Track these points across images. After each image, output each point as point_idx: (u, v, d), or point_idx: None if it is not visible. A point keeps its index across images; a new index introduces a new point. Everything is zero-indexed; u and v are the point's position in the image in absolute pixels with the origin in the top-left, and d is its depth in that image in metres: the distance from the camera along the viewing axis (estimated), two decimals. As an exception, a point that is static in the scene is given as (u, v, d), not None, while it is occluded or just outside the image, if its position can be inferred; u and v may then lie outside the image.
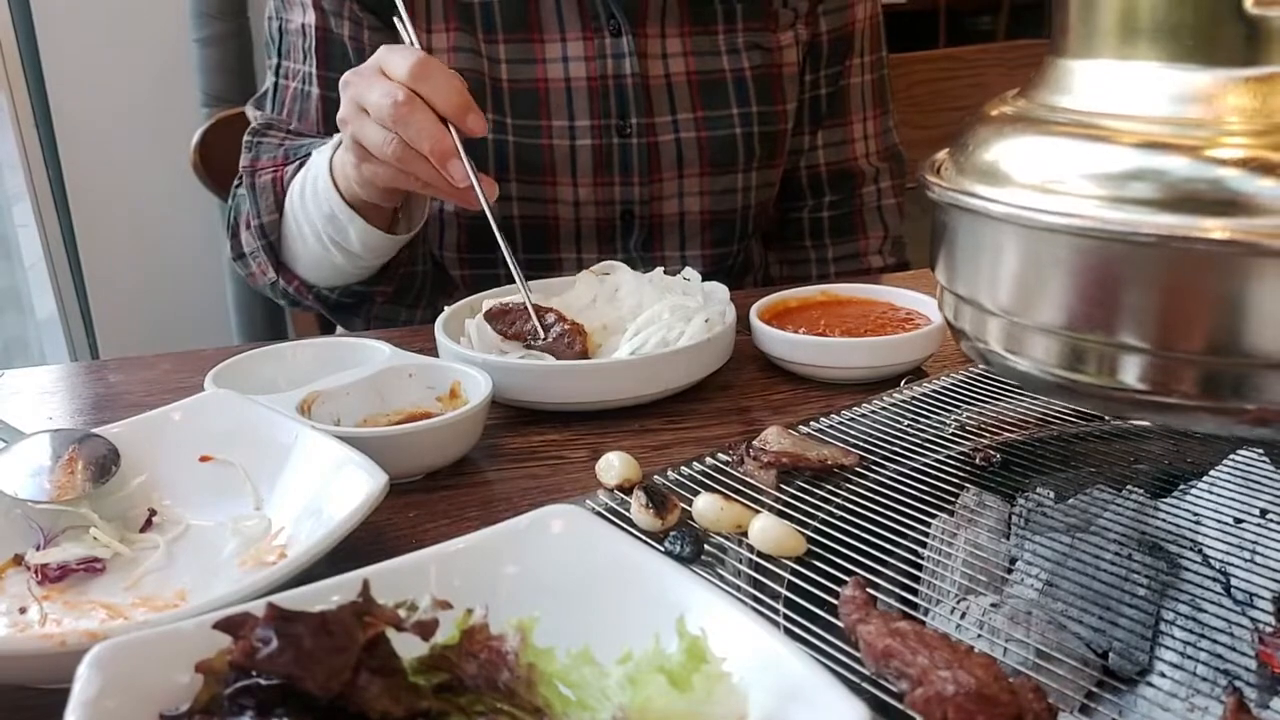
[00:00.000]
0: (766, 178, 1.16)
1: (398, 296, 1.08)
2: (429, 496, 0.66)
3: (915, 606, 0.50)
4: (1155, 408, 0.41)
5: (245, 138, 1.09)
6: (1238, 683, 0.43)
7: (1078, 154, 0.41)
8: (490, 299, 0.85)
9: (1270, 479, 0.54)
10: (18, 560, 0.58)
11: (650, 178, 1.10)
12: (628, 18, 1.08)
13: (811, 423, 0.68)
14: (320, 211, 0.95)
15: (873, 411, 0.69)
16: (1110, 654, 0.45)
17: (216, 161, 1.37)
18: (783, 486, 0.60)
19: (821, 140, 1.21)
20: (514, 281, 0.83)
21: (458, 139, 0.82)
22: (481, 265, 1.13)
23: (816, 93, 1.19)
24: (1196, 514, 0.53)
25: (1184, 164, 0.38)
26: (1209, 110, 0.39)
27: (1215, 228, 0.37)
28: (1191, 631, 0.46)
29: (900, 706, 0.40)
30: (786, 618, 0.48)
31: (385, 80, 0.83)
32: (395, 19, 0.91)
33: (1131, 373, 0.41)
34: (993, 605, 0.48)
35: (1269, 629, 0.45)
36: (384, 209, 0.96)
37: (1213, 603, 0.47)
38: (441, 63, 0.85)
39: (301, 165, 1.02)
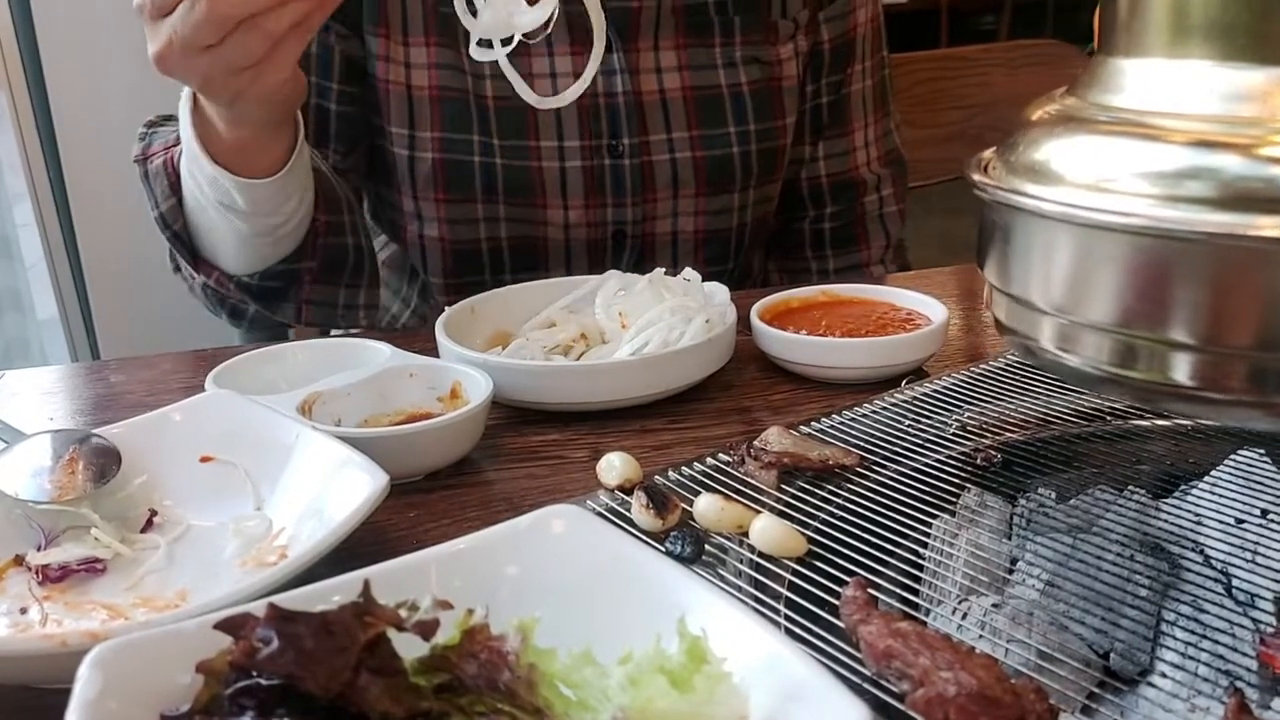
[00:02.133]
0: (764, 194, 1.14)
1: (327, 273, 0.98)
2: (430, 497, 0.66)
3: (916, 607, 0.50)
4: (1205, 403, 0.42)
5: (140, 130, 0.98)
6: (1239, 683, 0.43)
7: (1130, 153, 0.41)
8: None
9: (1271, 479, 0.54)
10: (18, 561, 0.57)
11: (643, 198, 1.07)
12: (619, 33, 1.04)
13: (812, 423, 0.68)
14: (204, 176, 0.86)
15: (874, 412, 0.69)
16: (1112, 655, 0.45)
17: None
18: (784, 487, 0.60)
19: (823, 151, 1.18)
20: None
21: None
22: (468, 290, 1.05)
23: (818, 102, 1.16)
24: (1198, 515, 0.53)
25: (1237, 162, 0.38)
26: (1262, 108, 0.39)
27: (1268, 225, 0.37)
28: (1193, 632, 0.46)
29: (901, 707, 0.40)
30: (787, 618, 0.48)
31: None
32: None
33: (1182, 369, 0.41)
34: (994, 606, 0.48)
35: (1270, 630, 0.45)
36: (265, 147, 0.85)
37: (1214, 603, 0.47)
38: None
39: None
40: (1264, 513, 0.52)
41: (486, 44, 0.72)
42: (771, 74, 1.10)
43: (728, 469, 0.62)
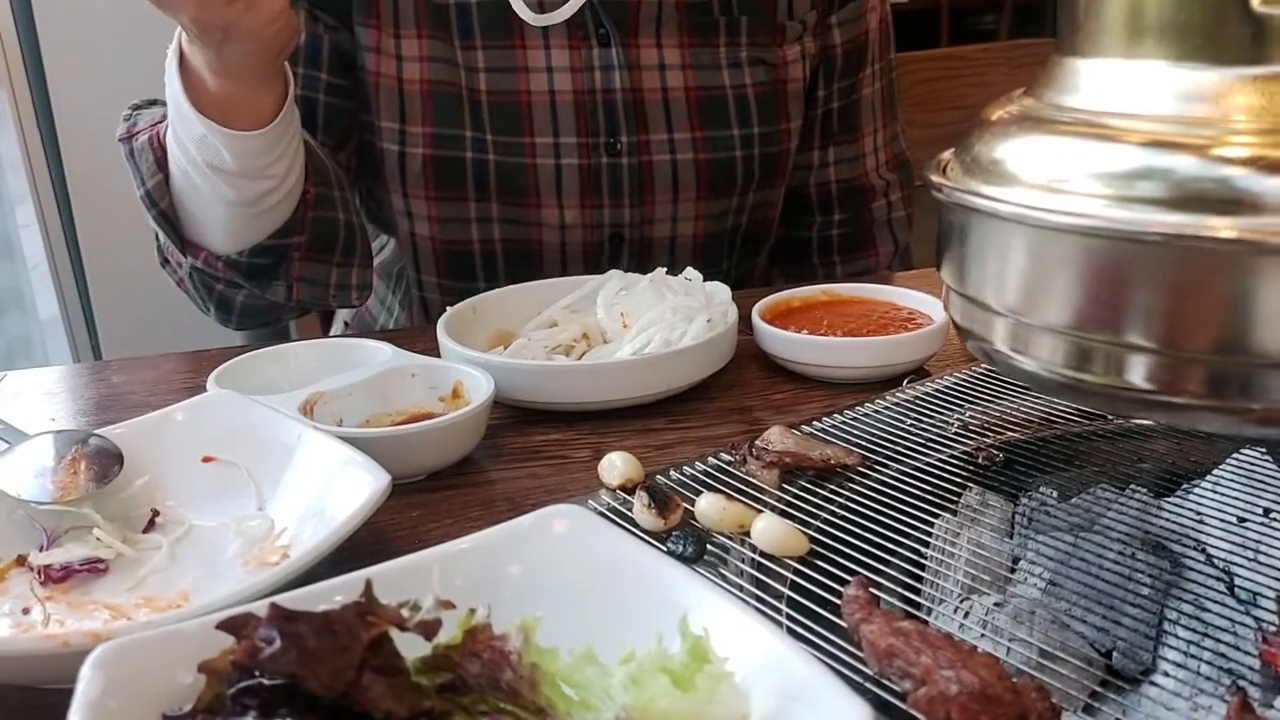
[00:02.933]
0: (766, 198, 1.12)
1: (317, 250, 0.94)
2: (431, 496, 0.66)
3: (918, 606, 0.50)
4: (1162, 407, 0.41)
5: (125, 112, 0.96)
6: (1241, 682, 0.43)
7: (1084, 153, 0.41)
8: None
9: (1274, 478, 0.54)
10: (21, 561, 0.58)
11: (641, 199, 1.04)
12: (617, 27, 1.01)
13: (814, 422, 0.68)
14: (191, 137, 0.84)
15: (875, 411, 0.69)
16: (1114, 653, 0.45)
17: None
18: (785, 486, 0.60)
19: (833, 157, 1.16)
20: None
21: None
22: (463, 295, 1.02)
23: (829, 107, 1.14)
24: (1200, 513, 0.53)
25: (1191, 163, 0.38)
26: (1216, 109, 0.39)
27: (1222, 226, 0.37)
28: (1195, 631, 0.46)
29: (903, 706, 0.40)
30: (789, 617, 0.48)
31: None
32: None
33: (1138, 372, 0.41)
34: (996, 605, 0.48)
35: (1273, 628, 0.45)
36: (255, 97, 0.84)
37: (1216, 602, 0.47)
38: None
39: None
40: (1266, 511, 0.51)
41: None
42: (777, 76, 1.08)
43: (729, 468, 0.62)
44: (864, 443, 0.64)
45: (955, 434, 0.66)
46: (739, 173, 1.07)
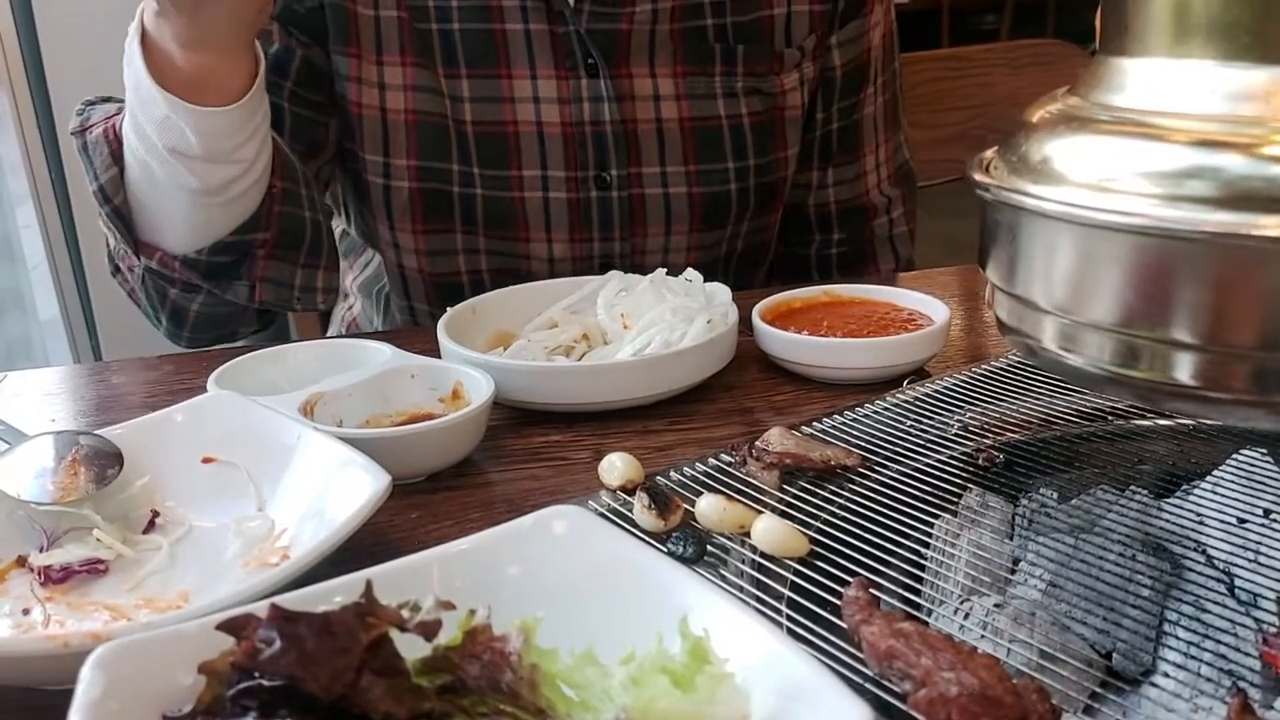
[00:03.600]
0: (762, 223, 1.09)
1: (283, 248, 0.90)
2: (431, 497, 0.66)
3: (918, 607, 0.50)
4: (1207, 403, 0.42)
5: (78, 107, 0.94)
6: (1242, 683, 0.43)
7: (1132, 152, 0.41)
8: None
9: (1274, 479, 0.54)
10: (21, 562, 0.58)
11: (633, 232, 1.02)
12: (606, 57, 0.98)
13: (814, 423, 0.68)
14: (153, 119, 0.81)
15: (875, 412, 0.69)
16: (1114, 655, 0.45)
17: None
18: (785, 487, 0.60)
19: (833, 178, 1.13)
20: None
21: None
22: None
23: (829, 129, 1.10)
24: (1200, 515, 0.53)
25: (1239, 162, 0.38)
26: (1264, 108, 0.39)
27: (1271, 225, 0.37)
28: (1195, 632, 0.46)
29: (903, 708, 0.40)
30: (789, 618, 0.48)
31: None
32: None
33: (1184, 369, 0.41)
34: (996, 606, 0.48)
35: (1273, 629, 0.45)
36: (225, 73, 0.81)
37: (1216, 603, 0.47)
38: None
39: None
40: (1266, 512, 0.51)
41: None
42: (774, 104, 1.04)
43: (729, 469, 0.62)
44: (864, 444, 0.64)
45: (955, 435, 0.66)
46: (733, 204, 1.04)
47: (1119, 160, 0.41)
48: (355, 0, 0.96)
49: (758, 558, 0.53)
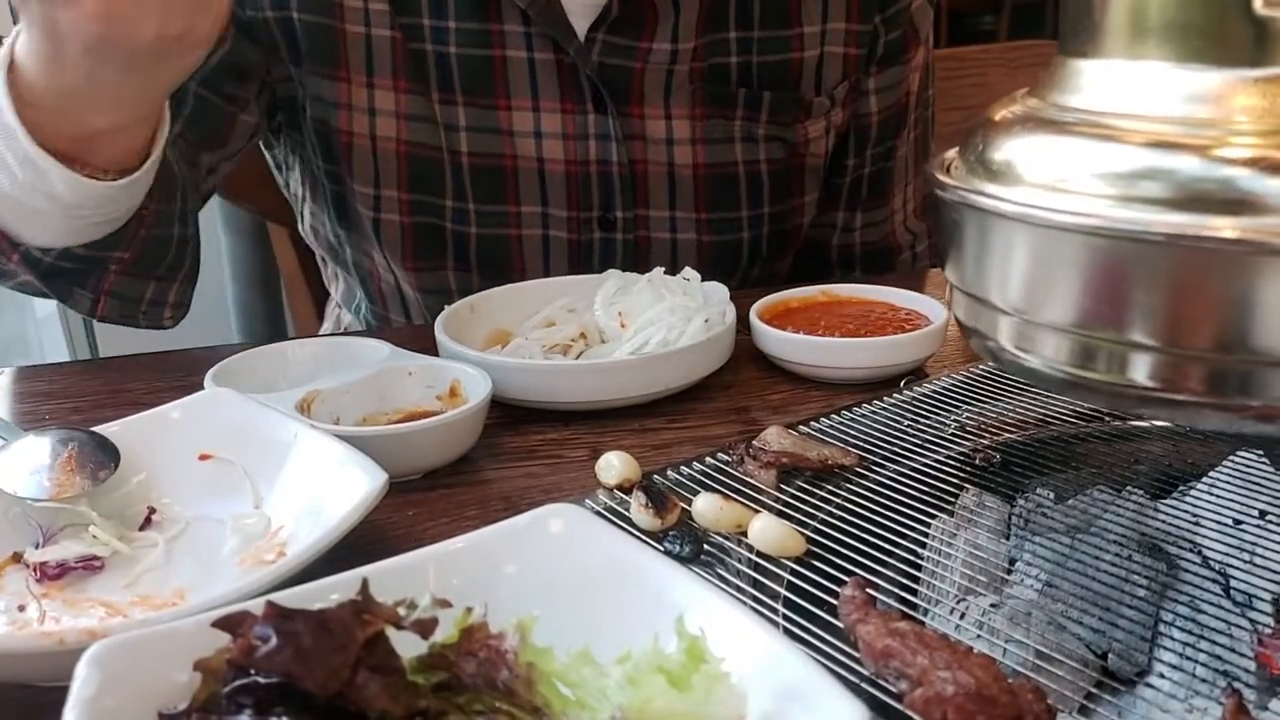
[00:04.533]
0: (773, 269, 1.05)
1: (140, 265, 0.82)
2: (428, 495, 0.66)
3: (915, 607, 0.50)
4: (1163, 404, 0.41)
5: None
6: (1237, 684, 0.43)
7: (1088, 153, 0.41)
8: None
9: (1269, 480, 0.54)
10: (17, 558, 0.57)
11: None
12: (614, 94, 0.91)
13: (811, 423, 0.68)
14: (15, 155, 0.68)
15: (873, 412, 0.69)
16: (1109, 655, 0.45)
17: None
18: (782, 486, 0.60)
19: (860, 222, 1.07)
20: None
21: None
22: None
23: (860, 174, 1.04)
24: (1196, 515, 0.53)
25: (1193, 163, 0.38)
26: (1218, 110, 0.39)
27: (1224, 227, 0.37)
28: (1191, 633, 0.46)
29: (899, 707, 0.40)
30: (786, 618, 0.48)
31: None
32: None
33: (1141, 370, 0.41)
34: (992, 606, 0.48)
35: (1268, 630, 0.45)
36: (122, 136, 0.70)
37: (1212, 604, 0.47)
38: None
39: None
40: (1262, 513, 0.52)
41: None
42: (796, 152, 0.98)
43: (727, 468, 0.62)
44: (861, 443, 0.64)
45: (952, 435, 0.66)
46: (744, 252, 0.99)
47: (1074, 161, 0.42)
48: (344, 18, 0.90)
49: (754, 557, 0.53)
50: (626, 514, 0.57)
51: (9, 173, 0.70)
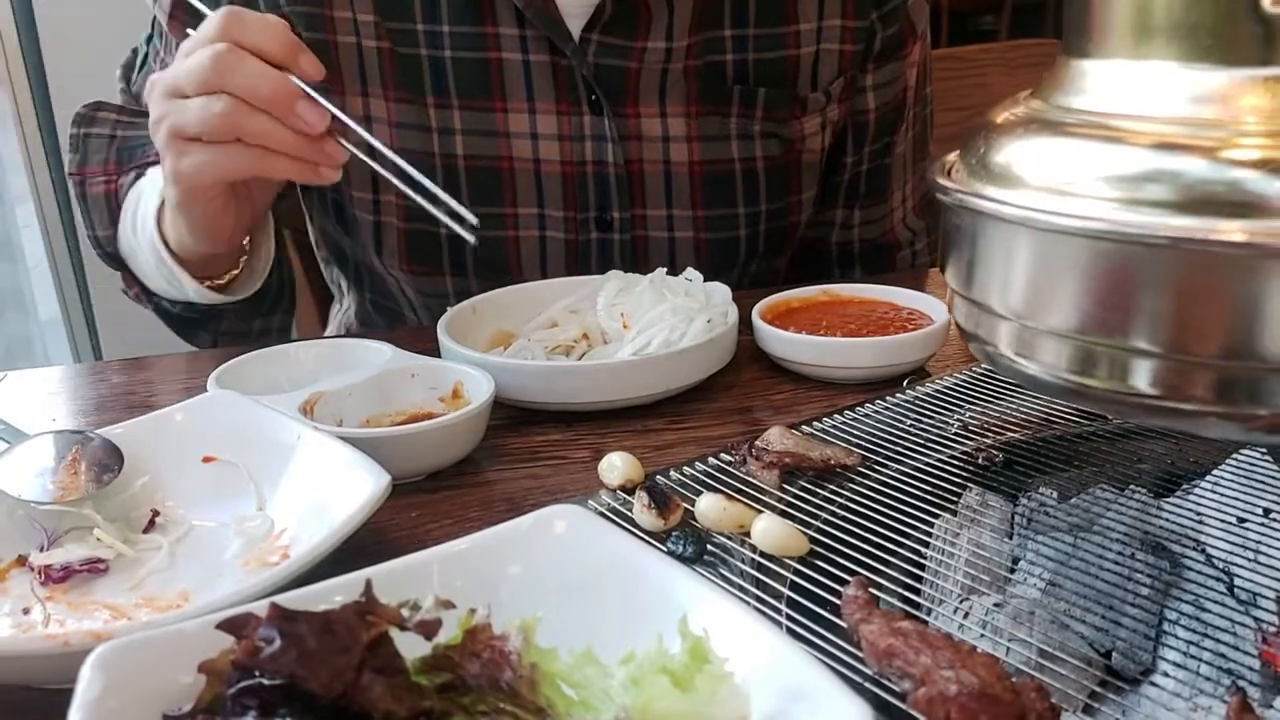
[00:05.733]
0: (770, 266, 1.05)
1: (250, 309, 0.95)
2: (431, 497, 0.66)
3: (918, 606, 0.50)
4: (1167, 413, 0.41)
5: (70, 130, 0.96)
6: (1241, 682, 0.43)
7: (1092, 155, 0.41)
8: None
9: (1273, 479, 0.54)
10: (21, 561, 0.58)
11: None
12: (610, 95, 0.92)
13: (814, 423, 0.68)
14: (154, 255, 0.86)
15: (875, 411, 0.69)
16: (1113, 654, 0.45)
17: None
18: (785, 486, 0.60)
19: (859, 219, 1.07)
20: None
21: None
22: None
23: (858, 171, 1.05)
24: (1200, 514, 0.53)
25: (1200, 165, 0.38)
26: (1225, 111, 0.38)
27: (1232, 230, 0.36)
28: (1195, 631, 0.46)
29: (903, 706, 0.40)
30: (789, 618, 0.48)
31: (196, 49, 0.71)
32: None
33: (1143, 377, 0.40)
34: (995, 605, 0.48)
35: (1272, 629, 0.45)
36: (220, 255, 0.85)
37: (1216, 602, 0.47)
38: (252, 10, 0.74)
39: (138, 177, 0.91)
40: (1266, 511, 0.51)
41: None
42: (792, 148, 0.98)
43: (729, 469, 0.62)
44: (864, 443, 0.64)
45: (955, 434, 0.66)
46: (742, 249, 1.00)
47: (1078, 163, 0.41)
48: (334, 30, 0.91)
49: (757, 557, 0.53)
50: (630, 515, 0.57)
51: (150, 265, 0.88)
